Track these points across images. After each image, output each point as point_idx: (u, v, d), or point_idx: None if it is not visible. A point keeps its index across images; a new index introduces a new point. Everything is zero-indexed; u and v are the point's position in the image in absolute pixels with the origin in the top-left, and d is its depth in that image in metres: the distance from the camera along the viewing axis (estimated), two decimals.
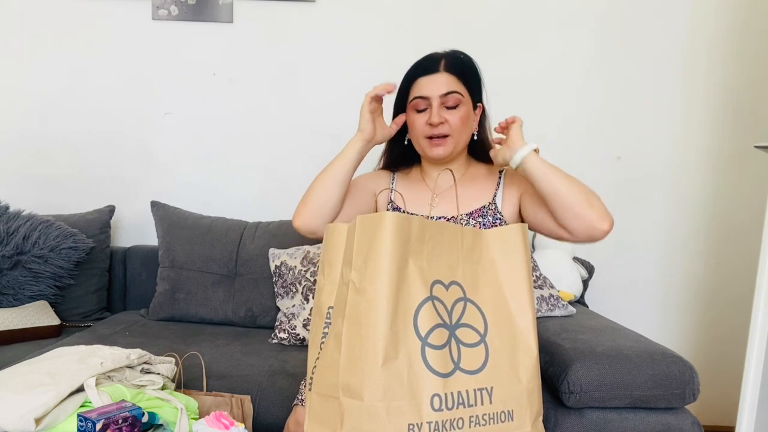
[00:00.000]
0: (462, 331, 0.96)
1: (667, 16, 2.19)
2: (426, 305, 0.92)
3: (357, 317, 0.90)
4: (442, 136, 1.23)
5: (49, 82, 2.26)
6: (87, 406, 1.10)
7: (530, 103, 2.22)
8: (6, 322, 1.76)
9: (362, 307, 0.89)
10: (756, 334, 1.43)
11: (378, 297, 0.88)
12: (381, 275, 0.89)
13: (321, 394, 0.93)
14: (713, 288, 2.29)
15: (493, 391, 0.95)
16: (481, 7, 2.20)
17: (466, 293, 0.98)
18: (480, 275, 1.01)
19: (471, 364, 0.95)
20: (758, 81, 2.19)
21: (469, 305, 0.98)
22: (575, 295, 1.97)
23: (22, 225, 1.94)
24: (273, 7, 2.22)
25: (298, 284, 1.85)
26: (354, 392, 0.88)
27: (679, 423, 1.42)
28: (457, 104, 1.23)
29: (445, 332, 0.94)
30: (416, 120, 1.25)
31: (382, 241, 0.90)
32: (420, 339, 0.91)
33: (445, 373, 0.91)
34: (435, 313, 0.93)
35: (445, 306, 0.95)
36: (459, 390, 0.92)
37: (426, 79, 1.23)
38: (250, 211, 2.23)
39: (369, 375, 0.87)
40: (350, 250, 0.94)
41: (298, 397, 1.30)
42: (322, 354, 0.95)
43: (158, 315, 1.99)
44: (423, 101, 1.23)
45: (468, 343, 0.96)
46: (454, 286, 0.98)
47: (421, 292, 0.93)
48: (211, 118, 2.28)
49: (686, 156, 2.24)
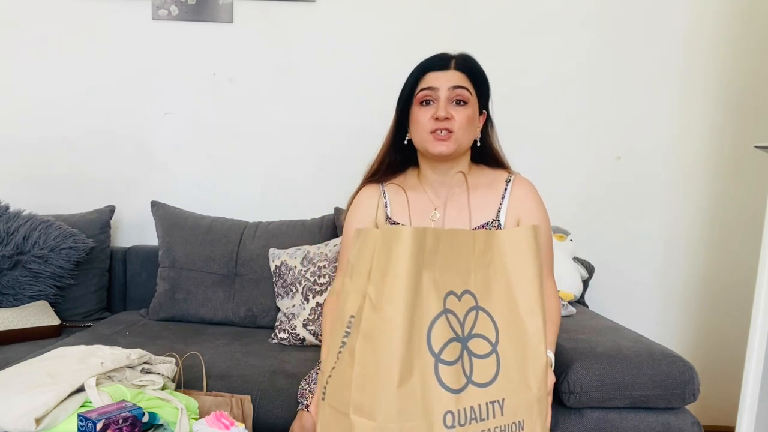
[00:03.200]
0: (474, 342, 0.94)
1: (667, 15, 2.19)
2: (440, 320, 0.90)
3: (372, 335, 0.87)
4: (447, 131, 1.20)
5: (49, 82, 2.26)
6: (87, 406, 1.10)
7: (530, 103, 2.22)
8: (6, 322, 1.76)
9: (378, 326, 0.87)
10: (756, 334, 1.43)
11: (395, 316, 0.86)
12: (398, 294, 0.86)
13: (333, 407, 0.91)
14: (713, 288, 2.29)
15: (504, 403, 0.93)
16: (481, 7, 2.20)
17: (478, 301, 0.96)
18: (491, 279, 0.98)
19: (483, 377, 0.92)
20: (758, 81, 2.19)
21: (481, 314, 0.96)
22: (575, 295, 1.97)
23: (22, 225, 1.94)
24: (273, 7, 2.22)
25: (298, 284, 1.85)
26: (366, 412, 0.86)
27: (679, 423, 1.42)
28: (465, 102, 1.21)
29: (458, 346, 0.91)
30: (421, 114, 1.22)
31: (400, 258, 0.87)
32: (433, 355, 0.88)
33: (457, 389, 0.89)
34: (448, 327, 0.91)
35: (458, 318, 0.93)
36: (471, 405, 0.90)
37: (436, 74, 1.22)
38: (250, 211, 2.23)
39: (383, 396, 0.85)
40: (371, 260, 0.91)
41: (303, 402, 1.27)
42: (337, 365, 0.92)
43: (158, 315, 1.99)
44: (431, 92, 1.21)
45: (480, 354, 0.93)
46: (467, 295, 0.95)
47: (435, 307, 0.90)
48: (211, 118, 2.28)
49: (686, 156, 2.24)
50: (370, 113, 2.21)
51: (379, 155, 1.36)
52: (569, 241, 2.02)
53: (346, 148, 2.25)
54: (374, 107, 2.23)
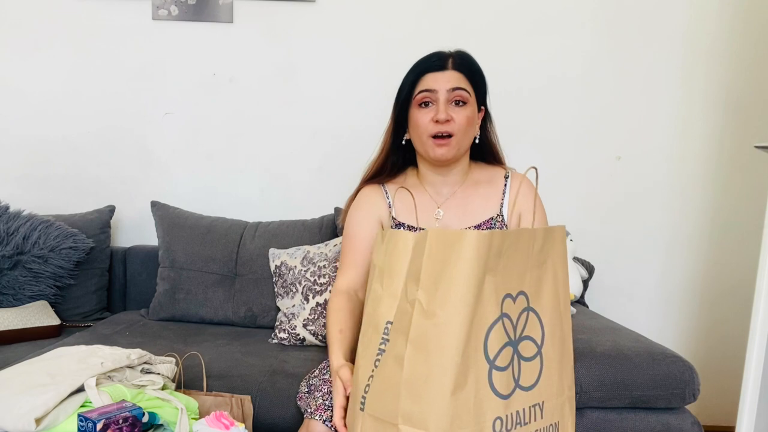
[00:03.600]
0: (523, 345, 0.92)
1: (667, 15, 2.19)
2: (497, 325, 0.88)
3: (424, 342, 0.84)
4: (447, 136, 1.20)
5: (49, 82, 2.26)
6: (87, 406, 1.10)
7: (531, 103, 2.22)
8: (6, 322, 1.76)
9: (431, 333, 0.84)
10: (756, 334, 1.43)
11: (451, 322, 0.83)
12: (455, 299, 0.83)
13: (376, 417, 0.88)
14: (713, 288, 2.29)
15: (543, 405, 0.93)
16: (481, 8, 2.20)
17: (530, 302, 0.94)
18: (542, 278, 0.97)
19: (528, 380, 0.91)
20: (758, 81, 2.19)
21: (531, 315, 0.94)
22: (575, 295, 1.97)
23: (22, 225, 1.94)
24: (273, 7, 2.22)
25: (298, 284, 1.85)
26: (417, 422, 0.83)
27: (679, 423, 1.43)
28: (464, 102, 1.21)
29: (510, 350, 0.89)
30: (421, 117, 1.22)
31: (461, 263, 0.84)
32: (488, 362, 0.86)
33: (506, 395, 0.88)
34: (503, 331, 0.89)
35: (512, 321, 0.91)
36: (517, 410, 0.89)
37: (434, 75, 1.22)
38: (250, 211, 2.24)
39: (437, 405, 0.82)
40: (417, 264, 0.88)
41: (308, 410, 1.20)
42: (378, 373, 0.89)
43: (158, 315, 1.99)
44: (430, 94, 1.21)
45: (527, 357, 0.92)
46: (521, 296, 0.93)
47: (493, 312, 0.88)
48: (211, 118, 2.28)
49: (686, 156, 2.24)
50: (370, 113, 2.22)
51: (379, 158, 1.35)
52: (569, 241, 2.01)
53: (346, 148, 2.26)
54: (374, 107, 2.23)
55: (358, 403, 0.92)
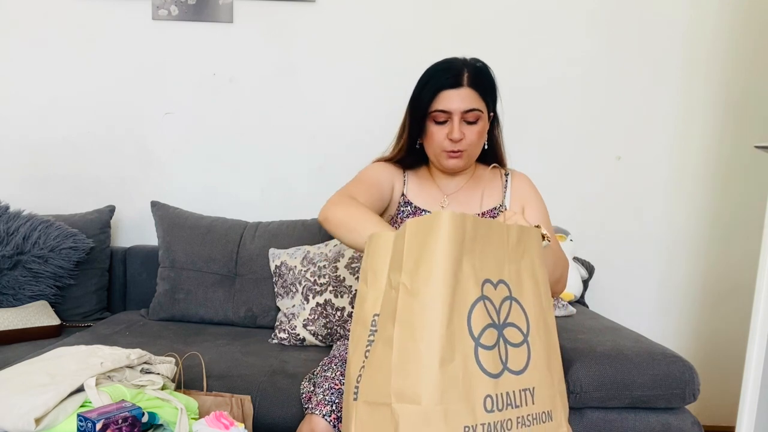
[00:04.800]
0: (508, 331, 0.95)
1: (667, 15, 2.19)
2: (478, 305, 0.91)
3: (410, 320, 0.87)
4: (460, 151, 1.28)
5: (49, 82, 2.26)
6: (87, 406, 1.10)
7: (531, 103, 2.22)
8: (6, 322, 1.76)
9: (416, 309, 0.87)
10: (756, 334, 1.43)
11: (433, 298, 0.86)
12: (435, 275, 0.86)
13: (369, 402, 0.89)
14: (713, 288, 2.29)
15: (534, 392, 0.95)
16: (481, 8, 2.20)
17: (512, 292, 0.98)
18: (523, 273, 1.00)
19: (516, 365, 0.94)
20: (758, 81, 2.19)
21: (515, 304, 0.97)
22: (575, 295, 1.97)
23: (22, 225, 1.94)
24: (273, 7, 2.22)
25: (298, 284, 1.85)
26: (409, 397, 0.85)
27: (679, 423, 1.43)
28: (477, 120, 1.27)
29: (495, 332, 0.92)
30: (436, 132, 1.28)
31: (437, 241, 0.87)
32: (473, 339, 0.89)
33: (495, 374, 0.90)
34: (486, 313, 0.92)
35: (494, 305, 0.94)
36: (507, 391, 0.91)
37: (450, 93, 1.25)
38: (250, 211, 2.24)
39: (426, 378, 0.84)
40: (399, 254, 0.91)
41: (309, 405, 1.25)
42: (369, 361, 0.91)
43: (158, 315, 1.99)
44: (444, 114, 1.26)
45: (514, 343, 0.95)
46: (502, 284, 0.97)
47: (474, 292, 0.91)
48: (211, 118, 2.28)
49: (686, 156, 2.24)
50: (370, 113, 2.22)
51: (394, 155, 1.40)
52: (569, 241, 2.01)
53: (346, 148, 2.26)
54: (374, 107, 2.23)
55: (351, 394, 0.94)
